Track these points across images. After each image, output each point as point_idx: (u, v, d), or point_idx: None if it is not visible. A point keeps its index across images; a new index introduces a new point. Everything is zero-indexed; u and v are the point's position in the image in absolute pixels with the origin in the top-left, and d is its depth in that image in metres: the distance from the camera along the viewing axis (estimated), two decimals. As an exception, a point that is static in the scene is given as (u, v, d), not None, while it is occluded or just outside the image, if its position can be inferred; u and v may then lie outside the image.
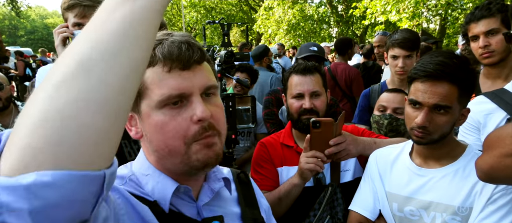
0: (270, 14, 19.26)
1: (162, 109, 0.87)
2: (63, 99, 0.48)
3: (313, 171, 1.67)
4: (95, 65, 0.51)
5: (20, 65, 12.14)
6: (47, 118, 0.47)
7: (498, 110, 1.77)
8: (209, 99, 0.92)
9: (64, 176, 0.47)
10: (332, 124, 1.66)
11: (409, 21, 12.22)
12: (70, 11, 2.00)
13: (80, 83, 0.49)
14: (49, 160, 0.47)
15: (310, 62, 1.95)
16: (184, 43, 0.87)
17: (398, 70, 2.71)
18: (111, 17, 0.54)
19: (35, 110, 0.48)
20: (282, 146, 1.98)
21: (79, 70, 0.50)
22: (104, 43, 0.52)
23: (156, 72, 0.87)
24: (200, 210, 0.98)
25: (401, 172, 1.61)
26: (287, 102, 1.97)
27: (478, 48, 2.11)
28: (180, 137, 0.87)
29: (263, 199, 1.28)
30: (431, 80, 1.40)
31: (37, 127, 0.47)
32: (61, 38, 1.97)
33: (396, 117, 2.19)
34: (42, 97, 0.49)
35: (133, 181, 0.94)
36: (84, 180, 0.49)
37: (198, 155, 0.89)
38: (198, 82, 0.88)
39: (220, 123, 0.93)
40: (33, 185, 0.45)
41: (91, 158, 0.50)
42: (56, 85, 0.49)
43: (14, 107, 2.87)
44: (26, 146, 0.47)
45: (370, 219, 1.64)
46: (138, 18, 0.55)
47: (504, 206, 1.33)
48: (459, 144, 1.55)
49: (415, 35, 2.75)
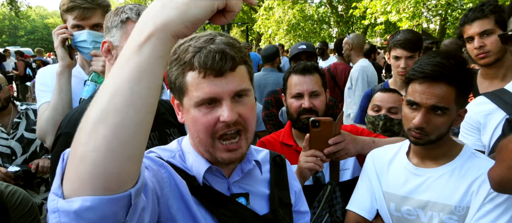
0: (270, 14, 19.26)
1: (198, 107, 1.03)
2: (92, 145, 0.64)
3: (313, 170, 1.68)
4: (109, 117, 0.65)
5: (20, 65, 12.14)
6: (84, 157, 0.64)
7: (498, 110, 1.78)
8: (241, 100, 1.05)
9: (100, 200, 0.64)
10: (331, 123, 1.67)
11: (409, 21, 12.23)
12: (69, 13, 2.01)
13: (101, 131, 0.64)
14: (91, 189, 0.64)
15: (309, 62, 1.96)
16: (219, 52, 0.99)
17: (400, 71, 2.71)
18: (123, 71, 0.67)
19: (77, 149, 0.66)
20: (281, 145, 1.99)
21: (100, 119, 0.65)
22: (119, 96, 0.66)
23: (194, 77, 1.02)
24: (230, 186, 1.15)
25: (398, 171, 1.62)
26: (287, 102, 1.99)
27: (473, 49, 2.13)
28: (208, 132, 1.03)
29: (296, 182, 1.41)
30: (429, 81, 1.41)
31: (79, 163, 0.65)
32: (61, 39, 1.99)
33: (390, 116, 2.20)
34: (80, 137, 0.66)
35: (180, 156, 1.15)
36: (114, 201, 0.66)
37: (223, 155, 1.06)
38: (228, 88, 1.01)
39: (247, 121, 1.06)
40: (79, 210, 0.64)
41: (117, 185, 0.66)
42: (88, 131, 0.65)
43: (13, 107, 2.88)
44: (76, 176, 0.65)
45: (368, 219, 1.65)
46: (144, 71, 0.67)
47: (500, 205, 1.35)
48: (455, 144, 1.56)
49: (417, 36, 2.74)
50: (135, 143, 0.67)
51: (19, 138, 2.76)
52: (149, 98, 0.68)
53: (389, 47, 2.83)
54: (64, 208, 0.65)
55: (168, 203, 1.00)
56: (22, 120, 2.83)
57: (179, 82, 1.05)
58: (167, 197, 1.00)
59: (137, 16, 1.56)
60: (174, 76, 1.06)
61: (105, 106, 0.65)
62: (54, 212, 0.66)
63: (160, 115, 1.85)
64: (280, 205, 1.24)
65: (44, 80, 2.10)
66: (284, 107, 2.99)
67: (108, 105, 0.65)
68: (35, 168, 2.65)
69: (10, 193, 2.13)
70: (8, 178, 2.50)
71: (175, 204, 1.01)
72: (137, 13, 1.57)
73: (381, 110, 2.25)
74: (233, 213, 1.09)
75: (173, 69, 1.06)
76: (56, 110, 1.93)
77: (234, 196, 1.14)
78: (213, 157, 1.07)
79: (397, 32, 2.80)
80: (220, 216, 1.07)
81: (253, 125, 1.10)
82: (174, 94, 1.12)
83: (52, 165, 1.64)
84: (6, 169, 2.56)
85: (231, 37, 1.08)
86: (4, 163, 2.67)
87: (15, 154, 2.72)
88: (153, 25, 0.68)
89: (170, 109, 2.01)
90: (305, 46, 3.71)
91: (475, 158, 1.50)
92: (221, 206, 1.09)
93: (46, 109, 1.97)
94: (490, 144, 1.80)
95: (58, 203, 0.66)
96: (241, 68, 1.05)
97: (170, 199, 1.00)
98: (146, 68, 0.67)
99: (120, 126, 0.65)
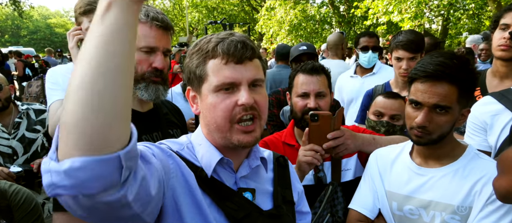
0: (272, 14, 19.25)
1: (217, 92, 1.08)
2: (73, 108, 0.69)
3: (311, 165, 1.67)
4: (89, 82, 0.70)
5: (19, 66, 12.05)
6: (68, 121, 0.70)
7: (505, 111, 1.76)
8: (255, 89, 1.12)
9: (88, 161, 0.68)
10: (330, 118, 1.67)
11: (411, 21, 12.19)
12: (85, 16, 2.03)
13: (81, 95, 0.69)
14: (78, 150, 0.69)
15: (317, 63, 1.95)
16: (240, 42, 1.08)
17: (402, 72, 2.68)
18: (92, 38, 0.71)
19: (63, 115, 0.71)
20: (283, 145, 1.99)
21: (78, 86, 0.70)
22: (92, 62, 0.70)
23: (216, 64, 1.08)
24: (237, 180, 1.19)
25: (401, 171, 1.62)
26: (292, 101, 1.98)
27: (501, 38, 2.04)
28: (226, 117, 1.08)
29: (298, 184, 1.44)
30: (431, 80, 1.41)
31: (65, 127, 0.70)
32: (76, 40, 2.01)
33: (392, 123, 2.16)
34: (65, 105, 0.71)
35: (189, 149, 1.18)
36: (102, 162, 0.69)
37: (239, 136, 1.10)
38: (247, 75, 1.09)
39: (261, 108, 1.13)
40: (69, 169, 0.68)
41: (103, 145, 0.70)
42: (67, 98, 0.71)
43: (14, 107, 2.89)
44: (64, 141, 0.71)
45: (370, 218, 1.65)
46: (109, 40, 0.71)
47: (503, 206, 1.34)
48: (459, 144, 1.56)
49: (419, 37, 2.71)
50: (113, 103, 0.71)
51: (20, 137, 2.77)
52: (121, 61, 0.72)
53: (391, 48, 2.80)
54: (55, 168, 0.70)
55: (173, 194, 1.02)
56: (23, 120, 2.84)
57: (200, 70, 1.11)
58: (174, 187, 1.02)
59: (146, 17, 1.57)
60: (195, 65, 1.12)
61: (81, 74, 0.70)
62: (46, 172, 0.71)
63: (163, 115, 1.85)
64: (283, 202, 1.26)
65: (55, 79, 2.13)
66: (286, 107, 2.99)
67: (83, 73, 0.70)
68: (37, 168, 2.66)
69: (14, 192, 2.14)
70: (10, 179, 2.50)
71: (182, 195, 1.04)
72: (146, 14, 1.57)
73: (384, 117, 2.20)
74: (239, 206, 1.12)
75: (194, 59, 1.12)
76: None
77: (241, 190, 1.17)
78: (228, 141, 1.11)
79: (399, 33, 2.76)
80: (226, 208, 1.10)
81: (266, 113, 1.16)
82: (192, 85, 1.17)
83: None
84: (8, 169, 2.56)
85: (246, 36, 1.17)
86: (6, 163, 2.68)
87: (16, 154, 2.73)
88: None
89: (173, 110, 2.01)
90: (306, 47, 3.70)
91: (478, 159, 1.50)
92: (228, 199, 1.12)
93: (59, 107, 1.99)
94: (497, 145, 1.79)
95: (50, 164, 0.71)
96: (257, 60, 1.14)
97: (176, 190, 1.03)
98: (110, 37, 0.71)
99: (96, 90, 0.69)
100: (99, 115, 0.69)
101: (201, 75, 1.11)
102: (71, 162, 0.68)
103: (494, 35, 2.10)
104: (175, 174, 1.04)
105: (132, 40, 0.75)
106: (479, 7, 14.00)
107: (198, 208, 1.05)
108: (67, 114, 0.70)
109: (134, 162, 0.77)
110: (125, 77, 0.74)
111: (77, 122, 0.68)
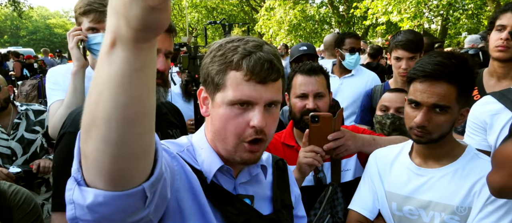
0: (271, 14, 19.26)
1: (231, 106, 1.04)
2: (90, 146, 0.65)
3: (312, 166, 1.67)
4: (97, 121, 0.63)
5: (17, 66, 12.00)
6: (87, 155, 0.66)
7: (504, 110, 1.76)
8: (270, 109, 1.08)
9: (112, 197, 0.67)
10: (330, 119, 1.67)
11: (410, 21, 12.20)
12: (85, 16, 2.03)
13: (94, 133, 0.63)
14: (100, 182, 0.67)
15: (315, 63, 1.95)
16: (267, 61, 1.03)
17: (401, 72, 2.68)
18: (97, 79, 0.62)
19: (82, 145, 0.67)
20: (283, 146, 1.99)
21: (90, 123, 0.64)
22: (102, 102, 0.62)
23: (237, 77, 1.03)
24: (236, 186, 1.17)
25: (400, 171, 1.62)
26: (290, 101, 1.97)
27: (497, 39, 2.05)
28: (237, 135, 1.05)
29: (296, 187, 1.43)
30: (430, 80, 1.41)
31: (85, 158, 0.67)
32: (76, 41, 2.01)
33: (398, 116, 2.18)
34: (81, 135, 0.67)
35: (189, 151, 1.15)
36: (127, 197, 0.68)
37: (243, 154, 1.07)
38: (266, 96, 1.04)
39: (269, 131, 1.10)
40: (92, 205, 0.67)
41: (127, 182, 0.68)
42: (84, 132, 0.66)
43: (13, 107, 2.88)
44: (85, 167, 0.68)
45: (369, 219, 1.65)
46: (115, 85, 0.61)
47: (502, 206, 1.34)
48: (458, 144, 1.56)
49: (419, 37, 2.71)
50: (132, 142, 0.65)
51: (19, 138, 2.76)
52: (136, 101, 0.63)
53: (390, 48, 2.80)
54: (78, 201, 0.68)
55: (177, 196, 1.01)
56: (22, 121, 2.83)
57: (218, 78, 1.05)
58: (177, 189, 1.01)
59: None
60: (215, 71, 1.06)
61: (93, 110, 0.63)
62: (70, 203, 0.70)
63: (162, 116, 1.85)
64: (282, 206, 1.26)
65: (55, 80, 2.12)
66: (286, 107, 2.99)
67: (95, 110, 0.63)
68: (36, 169, 2.65)
69: (13, 193, 2.13)
70: (9, 179, 2.49)
71: (185, 197, 1.03)
72: None
73: (389, 110, 2.22)
74: (239, 211, 1.11)
75: (216, 64, 1.06)
76: (70, 109, 1.95)
77: (240, 197, 1.16)
78: (230, 157, 1.09)
79: (398, 33, 2.76)
80: (227, 213, 1.09)
81: (272, 136, 1.14)
82: (207, 87, 1.11)
83: (55, 164, 1.63)
84: (8, 170, 2.56)
85: (275, 48, 1.11)
86: (4, 163, 2.67)
87: (15, 155, 2.72)
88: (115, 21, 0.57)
89: (172, 110, 2.01)
90: (306, 47, 3.70)
91: (478, 159, 1.50)
92: (228, 204, 1.10)
93: (59, 107, 1.99)
94: (497, 145, 1.79)
95: (74, 194, 0.69)
96: (280, 82, 1.10)
97: (180, 192, 1.02)
98: (120, 81, 0.60)
99: (108, 131, 0.62)
100: (120, 155, 0.65)
101: (218, 83, 1.05)
102: (94, 196, 0.67)
103: (491, 36, 2.12)
104: (179, 176, 1.03)
105: (147, 84, 0.65)
106: (478, 7, 14.01)
107: (201, 211, 1.05)
108: (84, 146, 0.66)
109: (159, 184, 0.75)
110: (147, 110, 0.66)
111: (97, 160, 0.65)
